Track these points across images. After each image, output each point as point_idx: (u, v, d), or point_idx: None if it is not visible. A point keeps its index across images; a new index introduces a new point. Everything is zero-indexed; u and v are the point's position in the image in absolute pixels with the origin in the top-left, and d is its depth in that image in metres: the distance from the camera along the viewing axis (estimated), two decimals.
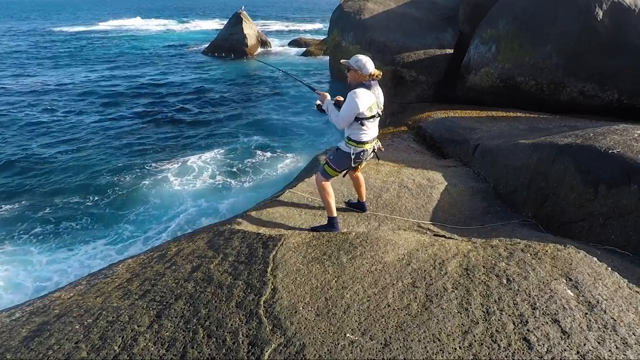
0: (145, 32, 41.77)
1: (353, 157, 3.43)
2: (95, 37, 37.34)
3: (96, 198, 8.40)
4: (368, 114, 3.28)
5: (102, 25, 48.07)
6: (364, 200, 4.07)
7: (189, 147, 11.35)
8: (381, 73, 3.33)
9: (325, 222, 3.69)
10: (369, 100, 3.24)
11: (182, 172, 9.63)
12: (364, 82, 3.27)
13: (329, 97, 3.63)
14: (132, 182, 9.05)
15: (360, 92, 3.22)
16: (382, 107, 3.43)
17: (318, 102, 3.69)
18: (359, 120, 3.28)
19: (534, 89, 8.67)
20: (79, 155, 10.66)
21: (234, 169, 9.86)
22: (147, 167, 9.88)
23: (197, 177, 9.38)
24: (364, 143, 3.40)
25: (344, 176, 3.74)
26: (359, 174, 3.89)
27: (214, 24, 47.99)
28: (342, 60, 3.47)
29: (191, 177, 9.39)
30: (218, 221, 4.37)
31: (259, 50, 28.76)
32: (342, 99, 3.54)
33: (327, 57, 19.10)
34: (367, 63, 3.23)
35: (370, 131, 3.41)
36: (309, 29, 44.44)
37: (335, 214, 3.62)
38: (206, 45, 29.75)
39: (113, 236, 7.17)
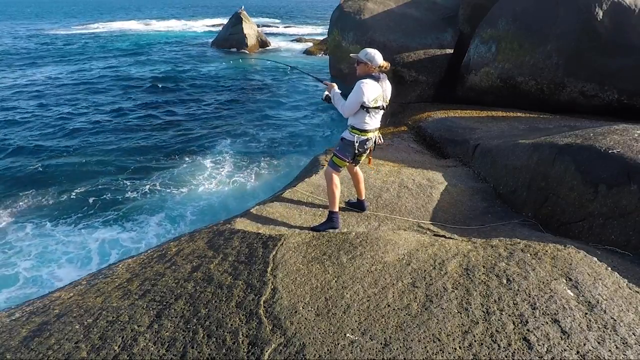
0: (145, 32, 41.82)
1: (357, 144, 3.50)
2: (102, 37, 37.57)
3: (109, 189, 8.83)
4: (373, 105, 3.37)
5: (107, 26, 48.21)
6: (363, 198, 4.08)
7: (188, 146, 11.46)
8: (389, 64, 3.44)
9: (325, 219, 3.70)
10: (376, 91, 3.33)
11: (181, 171, 9.75)
12: (373, 74, 3.37)
13: (336, 86, 3.74)
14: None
15: (368, 81, 3.31)
16: (388, 101, 3.53)
17: (326, 93, 3.77)
18: (365, 108, 3.36)
19: (534, 89, 8.67)
20: (97, 147, 11.16)
21: (234, 169, 9.88)
22: (154, 163, 10.16)
23: (196, 177, 9.40)
24: (366, 131, 3.49)
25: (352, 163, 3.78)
26: (358, 170, 3.92)
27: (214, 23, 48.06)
28: (351, 54, 3.59)
29: (191, 176, 9.42)
30: (218, 221, 4.37)
31: (259, 50, 28.76)
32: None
33: (327, 56, 19.13)
34: (376, 55, 3.34)
35: (373, 121, 3.50)
36: (309, 30, 44.44)
37: (337, 209, 3.66)
38: (207, 44, 29.89)
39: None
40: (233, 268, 2.96)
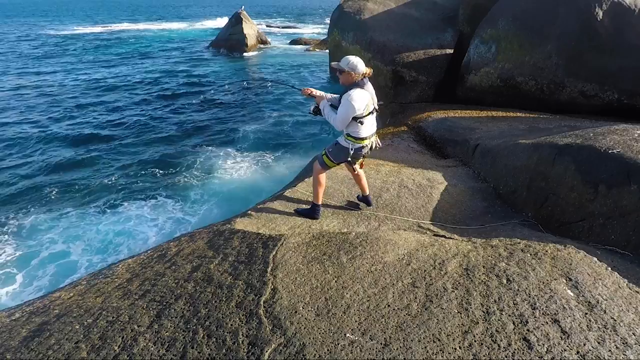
0: (144, 34, 41.84)
1: (352, 152, 3.47)
2: (111, 37, 37.63)
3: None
4: (365, 113, 3.31)
5: (113, 27, 48.16)
6: (367, 193, 4.07)
7: (205, 142, 11.79)
8: (372, 70, 3.33)
9: (309, 207, 3.84)
10: (365, 99, 3.25)
11: (202, 164, 10.22)
12: (357, 82, 3.28)
13: (325, 98, 3.63)
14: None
15: (355, 93, 3.21)
16: (376, 102, 3.45)
17: (313, 106, 3.67)
18: (358, 119, 3.31)
19: (534, 89, 8.67)
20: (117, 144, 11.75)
21: (234, 169, 9.89)
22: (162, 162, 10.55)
23: (197, 178, 9.41)
24: (362, 139, 3.44)
25: (353, 166, 3.82)
26: (357, 169, 3.89)
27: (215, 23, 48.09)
28: (332, 63, 3.46)
29: (193, 176, 9.44)
30: (218, 221, 4.37)
31: (258, 49, 28.75)
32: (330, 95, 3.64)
33: (327, 55, 19.20)
34: (359, 63, 3.23)
35: (369, 127, 3.43)
36: (309, 30, 44.43)
37: (320, 202, 3.77)
38: (208, 44, 29.87)
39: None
40: (233, 268, 2.96)
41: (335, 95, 3.62)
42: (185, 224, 7.59)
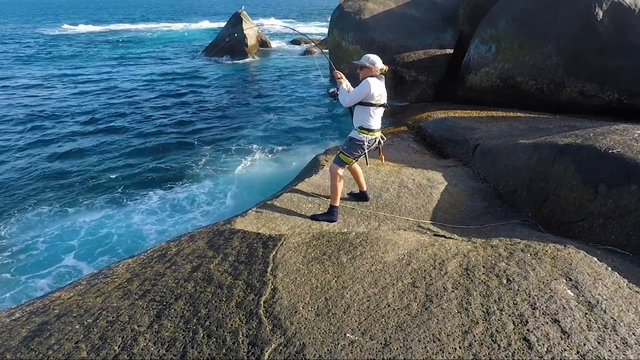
0: (145, 33, 41.85)
1: (367, 144, 3.71)
2: (111, 37, 37.59)
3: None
4: (377, 102, 3.59)
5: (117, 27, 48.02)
6: (365, 189, 4.27)
7: (191, 146, 11.56)
8: (387, 67, 3.74)
9: (326, 211, 3.89)
10: (380, 87, 3.58)
11: (182, 172, 9.89)
12: (376, 75, 3.62)
13: (344, 83, 3.94)
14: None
15: (373, 79, 3.56)
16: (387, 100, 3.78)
17: (333, 89, 3.99)
18: (370, 105, 3.58)
19: (534, 89, 8.68)
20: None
21: (234, 169, 9.89)
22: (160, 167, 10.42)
23: (197, 179, 9.41)
24: (373, 131, 3.71)
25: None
26: (355, 166, 4.09)
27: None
28: (353, 61, 3.86)
29: (193, 177, 9.44)
30: (218, 221, 4.37)
31: (259, 50, 28.74)
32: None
33: (326, 53, 19.15)
34: (377, 60, 3.64)
35: (377, 119, 3.71)
36: (309, 29, 44.46)
37: (338, 203, 3.83)
38: (207, 44, 29.85)
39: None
40: (233, 268, 2.96)
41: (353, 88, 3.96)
42: (198, 218, 7.64)
